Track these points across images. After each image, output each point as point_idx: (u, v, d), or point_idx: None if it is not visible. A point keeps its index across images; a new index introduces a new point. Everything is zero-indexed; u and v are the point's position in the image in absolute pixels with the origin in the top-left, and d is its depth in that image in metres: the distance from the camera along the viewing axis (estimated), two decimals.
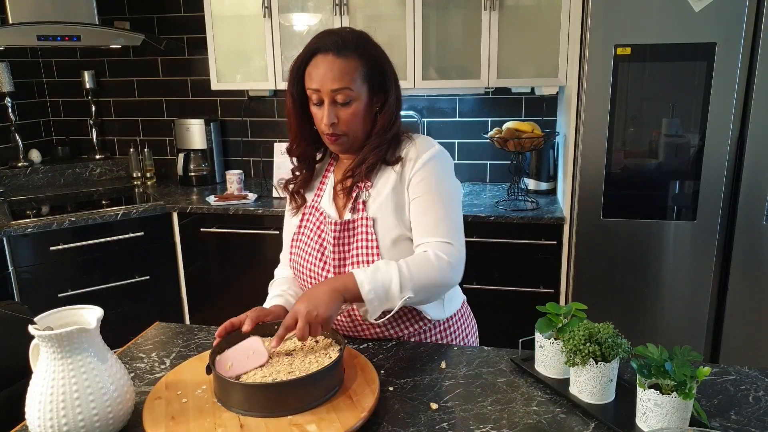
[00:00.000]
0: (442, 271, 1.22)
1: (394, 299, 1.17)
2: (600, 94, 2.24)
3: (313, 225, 1.36)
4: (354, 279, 1.17)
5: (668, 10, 2.11)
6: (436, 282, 1.22)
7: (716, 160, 2.21)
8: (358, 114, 1.26)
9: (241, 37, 2.86)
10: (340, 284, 1.16)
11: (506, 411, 1.06)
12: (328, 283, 1.17)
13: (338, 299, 1.14)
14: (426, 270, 1.21)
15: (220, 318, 1.28)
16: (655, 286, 2.36)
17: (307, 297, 1.13)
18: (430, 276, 1.21)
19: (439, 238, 1.25)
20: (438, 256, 1.22)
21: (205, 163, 3.20)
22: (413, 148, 1.31)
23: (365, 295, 1.16)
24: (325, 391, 1.04)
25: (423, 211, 1.27)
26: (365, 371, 1.13)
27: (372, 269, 1.19)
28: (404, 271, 1.19)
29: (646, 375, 0.96)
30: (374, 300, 1.16)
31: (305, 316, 1.09)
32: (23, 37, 2.73)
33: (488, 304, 2.55)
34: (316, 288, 1.16)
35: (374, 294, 1.16)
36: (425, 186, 1.28)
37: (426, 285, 1.20)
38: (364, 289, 1.16)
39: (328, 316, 1.11)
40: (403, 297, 1.17)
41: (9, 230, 2.46)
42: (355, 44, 1.24)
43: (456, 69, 2.70)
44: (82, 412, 0.93)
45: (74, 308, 1.01)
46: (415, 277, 1.19)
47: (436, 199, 1.27)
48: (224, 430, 0.97)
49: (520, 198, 2.66)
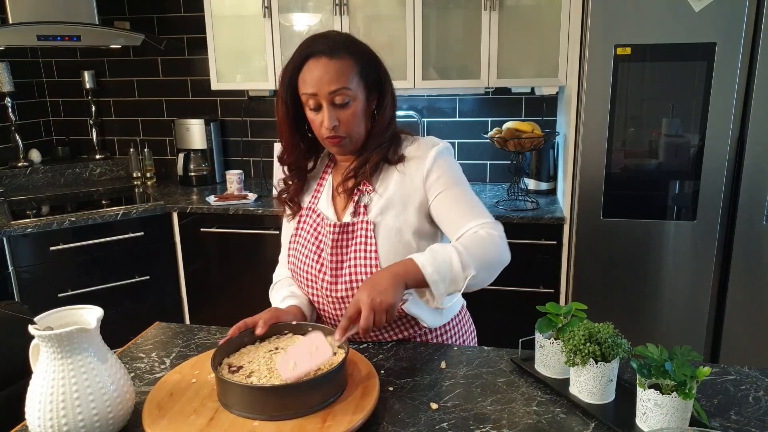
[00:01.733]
0: (498, 246, 1.21)
1: (458, 280, 1.15)
2: (600, 94, 2.24)
3: (310, 227, 1.35)
4: (414, 263, 1.14)
5: (668, 10, 2.11)
6: (494, 258, 1.21)
7: (716, 160, 2.21)
8: (358, 114, 1.25)
9: (241, 37, 2.86)
10: (401, 269, 1.13)
11: (506, 411, 1.06)
12: (389, 269, 1.14)
13: (401, 284, 1.11)
14: (483, 247, 1.19)
15: (220, 318, 1.28)
16: (655, 286, 2.36)
17: (368, 285, 1.10)
18: (489, 252, 1.19)
19: (480, 220, 1.24)
20: (489, 234, 1.21)
21: (205, 163, 3.20)
22: (414, 146, 1.31)
23: (428, 277, 1.13)
24: (328, 395, 1.03)
25: (453, 201, 1.27)
26: (365, 371, 1.13)
27: (429, 252, 1.17)
28: (461, 250, 1.17)
29: (646, 375, 0.96)
30: (438, 282, 1.13)
31: (369, 304, 1.07)
32: (23, 37, 2.73)
33: (488, 304, 2.54)
34: (377, 275, 1.13)
35: (438, 275, 1.13)
36: (444, 181, 1.27)
37: (486, 262, 1.19)
38: (427, 271, 1.13)
39: (392, 303, 1.08)
40: (467, 276, 1.15)
41: (9, 230, 2.46)
42: (345, 44, 1.23)
43: (456, 69, 2.70)
44: (82, 412, 0.93)
45: (74, 308, 1.01)
46: (474, 253, 1.17)
47: (460, 190, 1.28)
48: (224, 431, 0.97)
49: (520, 198, 2.66)
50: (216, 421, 0.99)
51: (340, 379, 1.06)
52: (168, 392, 1.08)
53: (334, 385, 1.04)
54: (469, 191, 1.30)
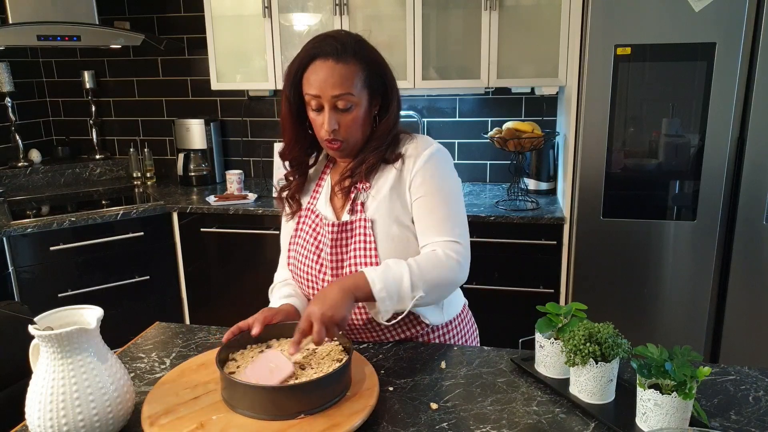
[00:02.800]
0: (452, 270, 1.22)
1: (405, 299, 1.16)
2: (600, 94, 2.24)
3: (309, 228, 1.35)
4: (365, 277, 1.16)
5: (668, 10, 2.11)
6: (446, 280, 1.22)
7: (716, 160, 2.21)
8: (359, 120, 1.25)
9: (241, 37, 2.86)
10: (351, 283, 1.15)
11: (506, 411, 1.06)
12: (339, 283, 1.16)
13: (350, 298, 1.13)
14: (436, 268, 1.20)
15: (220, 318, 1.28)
16: (655, 286, 2.36)
17: (319, 299, 1.12)
18: (441, 275, 1.20)
19: (445, 237, 1.24)
20: (447, 255, 1.22)
21: (205, 163, 3.20)
22: (412, 145, 1.31)
23: (377, 294, 1.14)
24: (333, 395, 1.03)
25: (428, 210, 1.27)
26: (365, 371, 1.13)
27: (382, 268, 1.18)
28: (415, 269, 1.18)
29: (646, 375, 0.96)
30: (386, 299, 1.15)
31: (320, 319, 1.08)
32: (23, 37, 2.73)
33: (488, 304, 2.54)
34: (327, 289, 1.14)
35: (386, 293, 1.15)
36: (428, 185, 1.27)
37: (437, 284, 1.20)
38: (376, 288, 1.15)
39: (342, 317, 1.10)
40: (415, 296, 1.16)
41: (9, 230, 2.46)
42: (354, 49, 1.23)
43: (456, 69, 2.70)
44: (82, 412, 0.93)
45: (74, 308, 1.01)
46: (426, 275, 1.18)
47: (439, 198, 1.27)
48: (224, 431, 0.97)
49: (520, 198, 2.66)
50: (216, 421, 0.99)
51: (344, 380, 1.06)
52: (168, 392, 1.08)
53: (338, 386, 1.04)
54: (450, 201, 1.28)
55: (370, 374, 1.12)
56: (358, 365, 1.15)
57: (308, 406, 1.00)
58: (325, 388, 1.01)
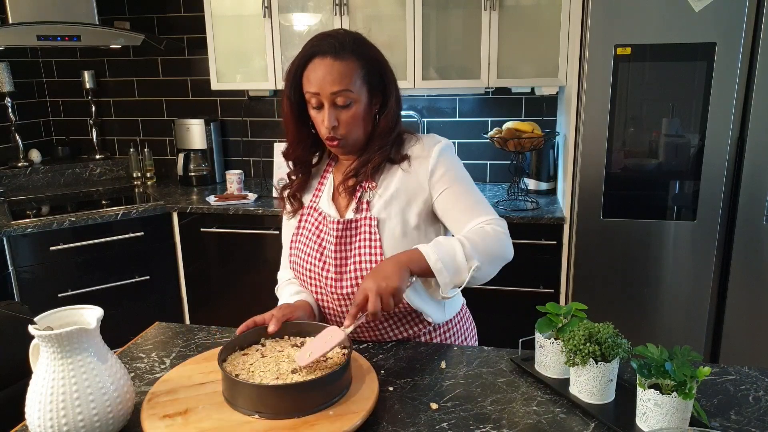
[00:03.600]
0: (502, 242, 1.24)
1: (462, 270, 1.17)
2: (600, 94, 2.24)
3: (312, 225, 1.36)
4: (419, 251, 1.16)
5: (668, 10, 2.11)
6: (498, 253, 1.23)
7: (716, 160, 2.21)
8: (358, 116, 1.26)
9: (241, 37, 2.86)
10: (405, 257, 1.16)
11: (506, 411, 1.06)
12: (393, 257, 1.17)
13: (406, 270, 1.13)
14: (487, 240, 1.21)
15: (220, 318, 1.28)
16: (655, 286, 2.36)
17: (374, 272, 1.13)
18: (493, 246, 1.22)
19: (485, 217, 1.27)
20: (495, 229, 1.24)
21: (205, 163, 3.20)
22: (418, 146, 1.31)
23: (433, 265, 1.15)
24: (332, 395, 1.03)
25: (456, 199, 1.28)
26: (365, 371, 1.13)
27: (433, 243, 1.19)
28: (465, 242, 1.19)
29: (646, 375, 0.96)
30: (443, 270, 1.15)
31: (376, 291, 1.09)
32: (23, 37, 2.73)
33: (488, 304, 2.54)
34: (382, 264, 1.16)
35: (442, 264, 1.15)
36: (448, 178, 1.29)
37: (490, 254, 1.21)
38: (431, 259, 1.15)
39: (397, 286, 1.10)
40: (471, 266, 1.17)
41: (9, 230, 2.46)
42: (352, 46, 1.23)
43: (456, 69, 2.70)
44: (82, 412, 0.93)
45: (74, 308, 1.01)
46: (478, 246, 1.19)
47: (464, 187, 1.30)
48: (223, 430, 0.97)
49: (520, 198, 2.66)
50: (216, 422, 0.99)
51: (344, 380, 1.06)
52: (168, 392, 1.08)
53: (337, 385, 1.04)
54: (473, 188, 1.31)
55: (370, 374, 1.12)
56: (358, 365, 1.15)
57: (306, 406, 0.99)
58: (322, 388, 1.01)
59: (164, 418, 1.00)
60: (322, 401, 1.01)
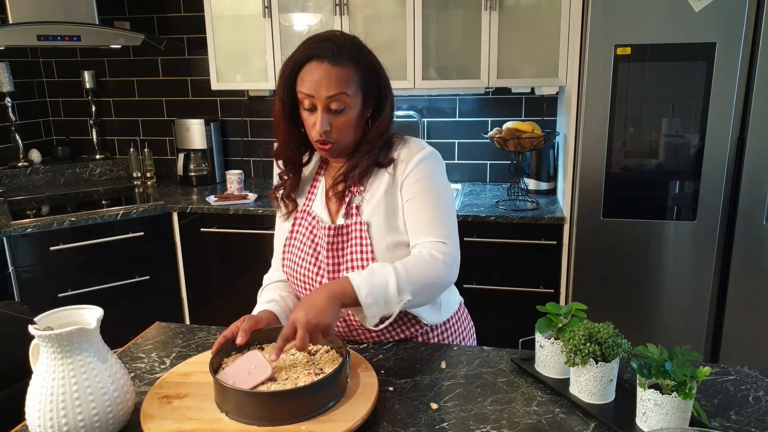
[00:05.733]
0: (438, 270, 1.21)
1: (392, 303, 1.15)
2: (600, 94, 2.24)
3: (306, 229, 1.35)
4: (351, 284, 1.14)
5: (668, 10, 2.11)
6: (432, 281, 1.21)
7: (716, 160, 2.21)
8: (351, 122, 1.25)
9: (241, 37, 2.86)
10: (338, 289, 1.14)
11: (506, 411, 1.06)
12: (325, 289, 1.15)
13: (337, 305, 1.12)
14: (422, 269, 1.19)
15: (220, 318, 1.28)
16: (655, 286, 2.36)
17: (305, 305, 1.11)
18: (427, 275, 1.19)
19: (433, 237, 1.24)
20: (433, 255, 1.21)
21: (205, 163, 3.20)
22: (405, 149, 1.30)
23: (363, 300, 1.13)
24: (327, 400, 1.02)
25: (417, 211, 1.27)
26: (365, 371, 1.13)
27: (368, 272, 1.17)
28: (401, 272, 1.17)
29: (646, 375, 0.96)
30: (372, 305, 1.14)
31: (305, 326, 1.07)
32: (23, 37, 2.72)
33: (488, 304, 2.55)
34: (313, 295, 1.13)
35: (372, 298, 1.13)
36: (418, 187, 1.27)
37: (423, 285, 1.19)
38: (362, 294, 1.13)
39: (327, 324, 1.09)
40: (402, 300, 1.15)
41: (9, 230, 2.46)
42: (350, 51, 1.22)
43: (456, 69, 2.70)
44: (82, 412, 0.93)
45: (74, 308, 1.01)
46: (412, 278, 1.17)
47: (429, 200, 1.27)
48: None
49: (520, 198, 2.66)
50: (216, 422, 0.99)
51: (338, 385, 1.05)
52: (168, 392, 1.08)
53: (332, 390, 1.03)
54: (439, 203, 1.28)
55: (370, 374, 1.12)
56: (358, 365, 1.15)
57: (302, 411, 0.99)
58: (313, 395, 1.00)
59: (163, 398, 1.02)
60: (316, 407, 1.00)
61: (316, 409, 1.00)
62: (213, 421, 0.99)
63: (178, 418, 1.00)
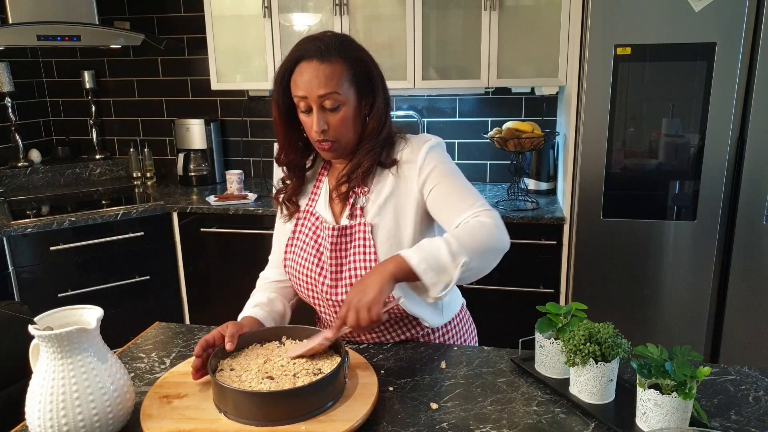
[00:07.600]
0: (491, 233, 1.19)
1: (448, 268, 1.13)
2: (600, 94, 2.24)
3: (309, 230, 1.35)
4: (401, 256, 1.13)
5: (668, 10, 2.11)
6: (487, 244, 1.18)
7: (716, 160, 2.21)
8: (348, 119, 1.24)
9: (241, 37, 2.86)
10: (390, 265, 1.13)
11: (506, 411, 1.06)
12: (377, 267, 1.14)
13: (388, 280, 1.10)
14: (473, 234, 1.18)
15: (220, 318, 1.27)
16: (655, 286, 2.36)
17: (356, 285, 1.12)
18: (479, 239, 1.17)
19: (472, 210, 1.23)
20: (481, 221, 1.20)
21: (205, 163, 3.20)
22: (408, 149, 1.30)
23: (416, 267, 1.11)
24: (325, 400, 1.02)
25: (445, 195, 1.26)
26: (365, 371, 1.13)
27: (416, 246, 1.16)
28: (450, 239, 1.15)
29: (646, 375, 0.96)
30: (427, 271, 1.11)
31: (354, 305, 1.08)
32: (23, 37, 2.73)
33: (488, 304, 2.54)
34: (366, 275, 1.14)
35: (426, 264, 1.11)
36: (437, 173, 1.26)
37: (478, 249, 1.16)
38: (413, 261, 1.11)
39: (372, 300, 1.07)
40: (458, 263, 1.13)
41: (9, 230, 2.46)
42: (338, 48, 1.22)
43: (456, 69, 2.70)
44: (82, 412, 0.93)
45: (74, 308, 1.01)
46: (464, 242, 1.15)
47: (450, 182, 1.26)
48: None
49: (520, 198, 2.66)
50: (215, 422, 0.99)
51: (337, 385, 1.05)
52: (167, 392, 1.08)
53: (331, 390, 1.03)
54: (461, 181, 1.28)
55: (370, 374, 1.12)
56: (358, 365, 1.15)
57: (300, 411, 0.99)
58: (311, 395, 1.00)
59: (162, 398, 1.02)
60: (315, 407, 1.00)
61: (314, 409, 1.00)
62: (212, 421, 0.99)
63: (177, 418, 1.00)
